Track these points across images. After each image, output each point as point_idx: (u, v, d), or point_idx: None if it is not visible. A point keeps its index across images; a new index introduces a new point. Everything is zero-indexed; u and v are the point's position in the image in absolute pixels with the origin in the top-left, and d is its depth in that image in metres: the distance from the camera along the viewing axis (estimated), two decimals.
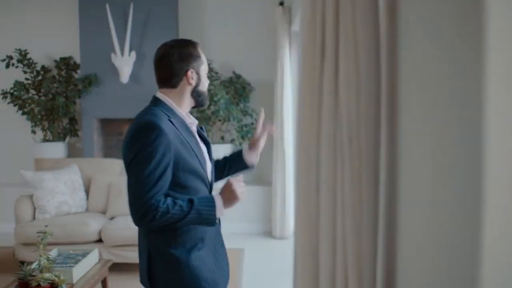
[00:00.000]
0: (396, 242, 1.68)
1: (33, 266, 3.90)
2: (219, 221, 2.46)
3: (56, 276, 3.64)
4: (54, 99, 7.07)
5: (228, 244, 6.36)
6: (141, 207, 2.13)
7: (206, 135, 2.53)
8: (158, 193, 2.14)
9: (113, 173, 5.94)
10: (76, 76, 7.29)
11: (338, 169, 1.68)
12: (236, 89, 6.93)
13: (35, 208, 5.56)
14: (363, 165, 1.64)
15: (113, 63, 6.85)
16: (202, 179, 2.34)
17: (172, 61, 2.31)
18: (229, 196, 2.28)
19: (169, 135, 2.17)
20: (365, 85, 1.62)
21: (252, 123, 6.95)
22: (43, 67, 7.29)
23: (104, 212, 5.72)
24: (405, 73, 1.60)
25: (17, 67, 7.16)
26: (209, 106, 6.76)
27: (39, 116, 7.08)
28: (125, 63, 6.78)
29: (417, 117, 1.49)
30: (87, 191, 5.85)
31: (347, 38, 1.64)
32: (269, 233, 6.90)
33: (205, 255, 2.32)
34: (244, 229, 6.92)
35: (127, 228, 5.13)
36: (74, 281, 3.92)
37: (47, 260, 3.73)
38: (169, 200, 2.17)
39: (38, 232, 3.80)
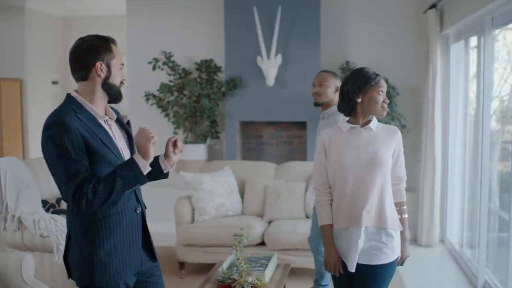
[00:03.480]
0: None
1: (225, 268, 3.94)
2: (141, 211, 2.59)
3: (258, 280, 3.66)
4: (198, 102, 7.20)
5: None
6: (72, 198, 2.30)
7: (128, 127, 2.67)
8: (76, 181, 2.29)
9: (268, 176, 5.95)
10: (217, 78, 7.39)
11: None
12: None
13: (193, 210, 5.65)
14: None
15: (259, 66, 6.89)
16: None
17: (82, 53, 2.46)
18: (140, 148, 2.39)
19: (74, 128, 2.33)
20: None
21: (397, 127, 6.80)
22: (183, 69, 7.43)
23: (260, 215, 5.73)
24: None
25: (162, 69, 7.34)
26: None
27: (184, 118, 7.22)
28: (271, 66, 6.81)
29: None
30: (241, 193, 5.89)
31: None
32: (413, 240, 6.72)
33: (118, 244, 2.47)
34: None
35: (292, 233, 5.12)
36: None
37: (245, 263, 3.76)
38: (93, 180, 2.31)
39: (234, 235, 3.83)
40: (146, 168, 2.41)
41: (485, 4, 4.63)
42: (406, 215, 3.07)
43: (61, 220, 4.58)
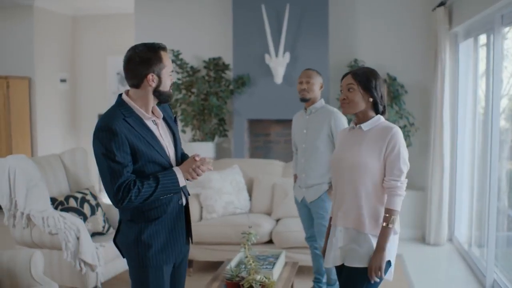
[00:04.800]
0: None
1: (233, 266, 3.94)
2: (186, 206, 2.88)
3: (266, 278, 3.66)
4: (206, 99, 7.20)
5: None
6: (114, 195, 2.59)
7: (173, 125, 2.90)
8: (126, 181, 2.59)
9: (276, 174, 5.95)
10: (225, 76, 7.39)
11: None
12: (390, 91, 6.78)
13: (201, 208, 5.65)
14: None
15: (267, 64, 6.88)
16: (163, 166, 2.73)
17: (134, 65, 2.67)
18: (186, 175, 2.73)
19: (121, 133, 2.59)
20: None
21: (406, 126, 6.79)
22: (191, 67, 7.43)
23: (268, 213, 5.73)
24: None
25: None
26: None
27: (192, 116, 7.23)
28: (279, 64, 6.79)
29: None
30: (249, 192, 5.89)
31: None
32: (421, 239, 6.73)
33: (161, 230, 2.76)
34: None
35: (300, 231, 5.10)
36: None
37: (253, 261, 3.75)
38: (138, 182, 2.61)
39: (242, 233, 3.83)
40: (183, 183, 2.75)
41: (494, 1, 4.61)
42: (389, 225, 2.82)
43: (70, 218, 4.60)
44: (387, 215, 2.85)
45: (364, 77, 2.93)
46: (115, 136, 2.58)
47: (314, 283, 4.77)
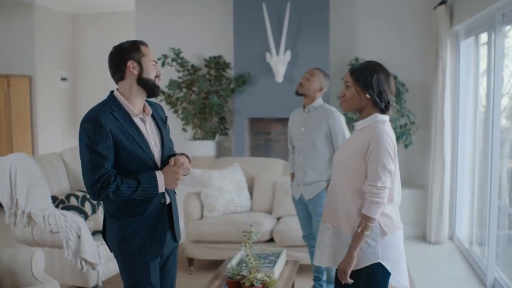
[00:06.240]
0: None
1: (234, 264, 3.94)
2: (170, 205, 2.88)
3: (267, 276, 3.66)
4: (207, 98, 7.21)
5: None
6: (91, 187, 2.63)
7: (162, 126, 2.92)
8: (106, 174, 2.62)
9: (277, 172, 5.95)
10: (226, 75, 7.39)
11: None
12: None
13: (202, 206, 5.65)
14: None
15: (268, 62, 6.88)
16: (146, 163, 2.75)
17: (114, 58, 2.76)
18: (166, 183, 2.76)
19: (106, 125, 2.63)
20: None
21: (406, 124, 6.79)
22: (192, 66, 7.43)
23: (268, 212, 5.74)
24: None
25: (171, 66, 7.35)
26: None
27: (193, 114, 7.23)
28: (280, 63, 6.79)
29: None
30: (249, 190, 5.89)
31: None
32: (422, 238, 6.72)
33: (141, 227, 2.77)
34: None
35: (301, 229, 5.11)
36: None
37: (254, 260, 3.75)
38: (118, 179, 2.64)
39: (243, 232, 3.83)
40: (162, 189, 2.77)
41: (495, 0, 4.60)
42: (365, 232, 2.67)
43: (71, 216, 4.60)
44: (362, 220, 2.69)
45: (359, 73, 2.77)
46: (100, 127, 2.62)
47: (314, 282, 4.77)
